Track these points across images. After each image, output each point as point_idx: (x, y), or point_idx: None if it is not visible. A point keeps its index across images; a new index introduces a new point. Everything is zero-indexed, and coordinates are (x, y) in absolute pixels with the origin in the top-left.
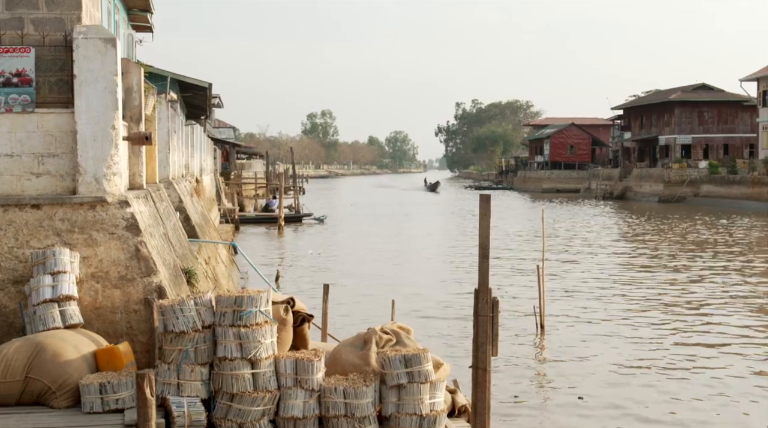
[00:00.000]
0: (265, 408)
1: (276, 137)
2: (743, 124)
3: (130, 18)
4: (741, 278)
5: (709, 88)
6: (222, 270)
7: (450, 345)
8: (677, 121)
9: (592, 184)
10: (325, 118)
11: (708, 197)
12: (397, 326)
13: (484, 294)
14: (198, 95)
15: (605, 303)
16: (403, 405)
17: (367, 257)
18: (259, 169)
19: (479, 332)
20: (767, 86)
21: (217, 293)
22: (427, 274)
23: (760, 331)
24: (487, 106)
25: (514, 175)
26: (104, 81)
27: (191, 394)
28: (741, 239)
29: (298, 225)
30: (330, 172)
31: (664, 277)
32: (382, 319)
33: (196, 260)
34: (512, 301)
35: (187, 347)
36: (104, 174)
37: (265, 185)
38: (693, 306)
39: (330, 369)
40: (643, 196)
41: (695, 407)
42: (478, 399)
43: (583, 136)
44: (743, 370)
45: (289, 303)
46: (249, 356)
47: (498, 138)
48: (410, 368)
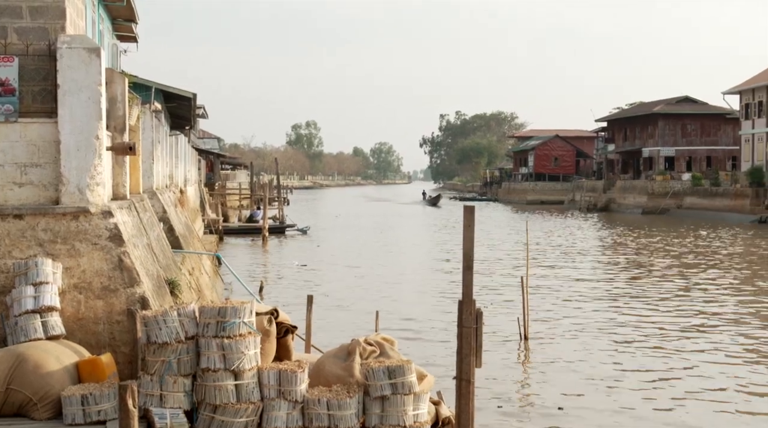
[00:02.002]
0: (248, 419)
1: (261, 148)
2: (726, 137)
3: (114, 28)
4: (723, 289)
5: (693, 100)
6: (206, 281)
7: (434, 357)
8: (661, 133)
9: (576, 196)
10: (309, 129)
11: (691, 209)
12: (380, 337)
13: (468, 305)
14: (182, 105)
15: (589, 314)
16: (386, 417)
17: (351, 268)
18: (243, 179)
19: (463, 343)
20: (749, 99)
21: (201, 304)
22: (411, 285)
23: (742, 342)
24: (471, 118)
25: (498, 186)
26: (88, 91)
27: (174, 405)
28: (723, 251)
29: (282, 237)
30: (314, 182)
31: (647, 289)
32: (367, 330)
33: (179, 271)
34: (496, 312)
35: (170, 358)
36: (87, 184)
37: (249, 196)
38: (676, 317)
39: (313, 381)
40: (627, 208)
41: (678, 417)
42: (461, 410)
43: (567, 147)
44: (727, 380)
45: (273, 315)
46: (232, 367)
47: (482, 149)
48: (394, 379)
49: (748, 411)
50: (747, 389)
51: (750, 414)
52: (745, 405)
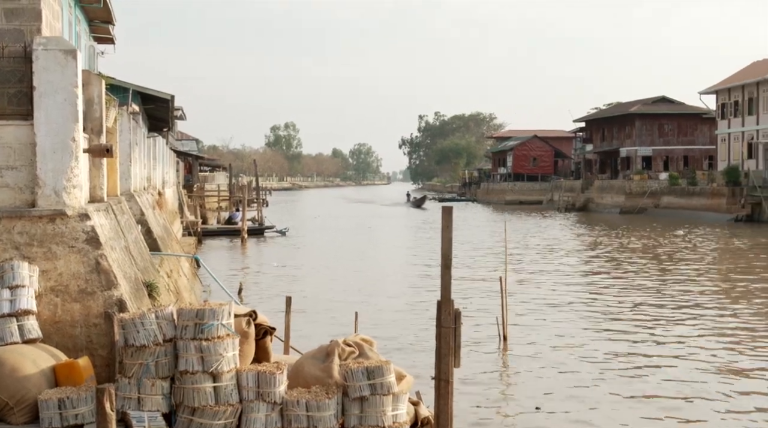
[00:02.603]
0: (227, 421)
1: (239, 149)
2: (702, 136)
3: (91, 29)
4: (700, 288)
5: (669, 100)
6: (184, 284)
7: (413, 357)
8: (638, 133)
9: (554, 196)
10: (288, 131)
11: (668, 208)
12: (359, 338)
13: (446, 305)
14: (160, 107)
15: (567, 314)
16: (365, 417)
17: (330, 269)
18: (222, 181)
19: (442, 343)
20: (726, 99)
21: (179, 306)
22: (390, 286)
23: (720, 340)
24: (450, 119)
25: (477, 187)
26: (64, 93)
27: (152, 408)
28: (699, 250)
29: (261, 238)
30: (293, 184)
31: (626, 289)
32: (346, 331)
33: (157, 273)
34: (475, 312)
35: (147, 361)
36: (64, 186)
37: (228, 198)
38: (654, 317)
39: (292, 382)
40: (605, 208)
41: (656, 414)
42: (440, 410)
43: (545, 148)
44: (705, 381)
45: (251, 316)
46: (210, 369)
47: (461, 150)
48: (373, 380)
49: (728, 409)
50: (725, 384)
51: (731, 411)
52: (725, 399)
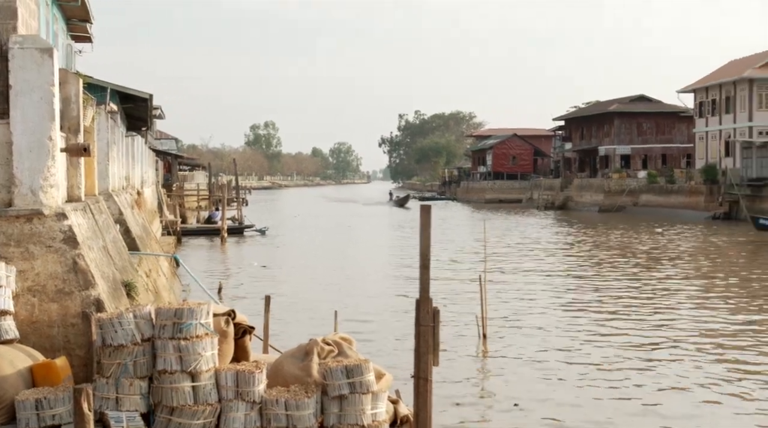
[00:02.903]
0: (206, 421)
1: (219, 148)
2: (680, 135)
3: (69, 28)
4: (678, 286)
5: (648, 99)
6: (163, 283)
7: (392, 356)
8: (617, 131)
9: (534, 195)
10: (268, 130)
11: (647, 206)
12: (338, 337)
13: (425, 304)
14: (139, 106)
15: (546, 311)
16: (344, 416)
17: (310, 268)
18: (201, 180)
19: (420, 342)
20: (703, 97)
21: (157, 306)
22: (370, 285)
23: (697, 334)
24: (430, 117)
25: (457, 185)
26: (41, 91)
27: (130, 408)
28: (677, 248)
29: (240, 237)
30: (273, 183)
31: (605, 286)
32: (325, 330)
33: (136, 273)
34: (455, 311)
35: (125, 360)
36: (41, 186)
37: (207, 197)
38: (632, 315)
39: (271, 381)
40: (584, 206)
41: (634, 409)
42: (419, 408)
43: (525, 146)
44: (685, 376)
45: (230, 315)
46: (189, 369)
47: (441, 149)
48: (352, 379)
49: (705, 400)
50: (703, 379)
51: (708, 402)
52: (702, 393)
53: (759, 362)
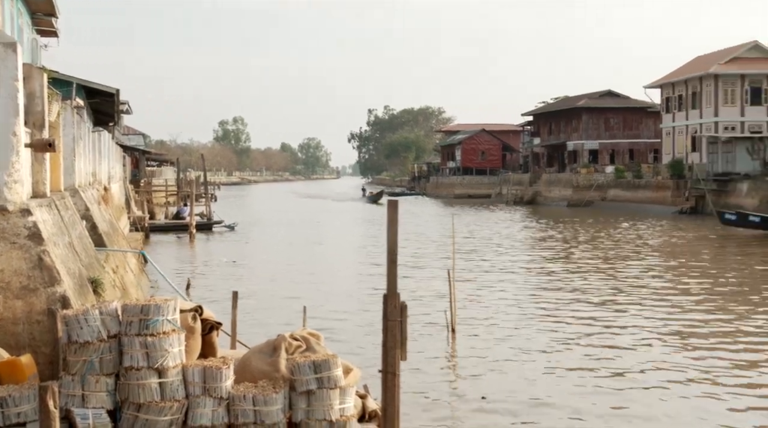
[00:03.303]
0: (173, 417)
1: (187, 144)
2: (647, 130)
3: (34, 22)
4: (644, 279)
5: (615, 94)
6: (131, 280)
7: (360, 351)
8: (584, 126)
9: (503, 190)
10: (237, 125)
11: (615, 201)
12: (306, 332)
13: (392, 298)
14: (105, 101)
15: (514, 306)
16: (312, 411)
17: (279, 264)
18: (169, 176)
19: (388, 336)
20: (670, 93)
21: (124, 302)
22: (339, 280)
23: (663, 327)
24: (399, 113)
25: (426, 181)
26: (4, 86)
27: (96, 405)
28: (643, 242)
29: (209, 233)
30: (242, 178)
31: (573, 281)
32: (294, 326)
33: (103, 269)
34: (424, 306)
35: (91, 357)
36: (5, 182)
37: (176, 193)
38: (600, 308)
39: (239, 377)
40: (553, 201)
41: (600, 403)
42: (387, 403)
43: (493, 141)
44: (649, 369)
45: (197, 311)
46: (156, 365)
47: (410, 144)
48: (320, 374)
49: (673, 394)
50: (667, 372)
51: (678, 396)
52: (671, 387)
53: (724, 357)
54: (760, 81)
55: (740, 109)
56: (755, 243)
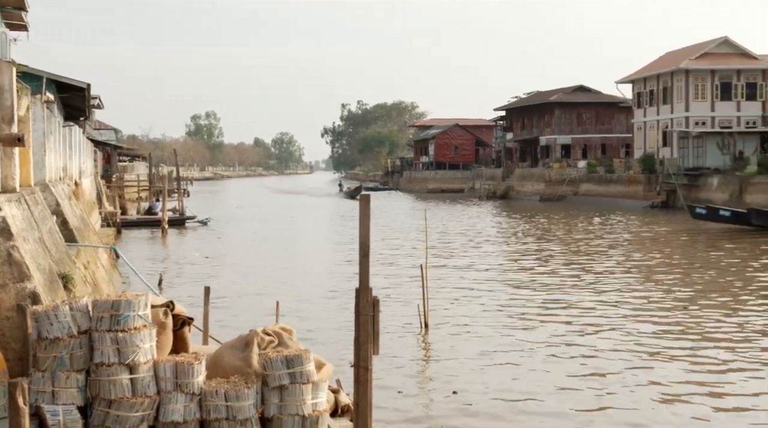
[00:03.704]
0: (144, 413)
1: (159, 139)
2: (619, 125)
3: (3, 16)
4: (615, 273)
5: (587, 89)
6: (102, 275)
7: (333, 345)
8: (557, 121)
9: (476, 184)
10: (209, 120)
11: (587, 195)
12: (279, 327)
13: (364, 293)
14: (76, 96)
15: (487, 300)
16: (285, 406)
17: (252, 259)
18: (142, 171)
19: (360, 331)
20: (641, 88)
21: (94, 297)
22: (312, 275)
23: (634, 323)
24: (372, 107)
25: (399, 175)
26: None
27: (67, 402)
28: (616, 236)
29: (182, 228)
30: (215, 173)
31: (545, 275)
32: (267, 321)
33: (73, 265)
34: (397, 300)
35: (62, 353)
36: None
37: (148, 188)
38: (571, 302)
39: (211, 372)
40: (526, 196)
41: (571, 399)
42: (360, 397)
43: (466, 136)
44: (621, 365)
45: (169, 307)
46: (127, 361)
47: (383, 139)
48: (292, 369)
49: (644, 382)
50: (641, 362)
51: (646, 384)
52: (640, 376)
53: (695, 347)
54: (729, 76)
55: (711, 104)
56: (725, 237)
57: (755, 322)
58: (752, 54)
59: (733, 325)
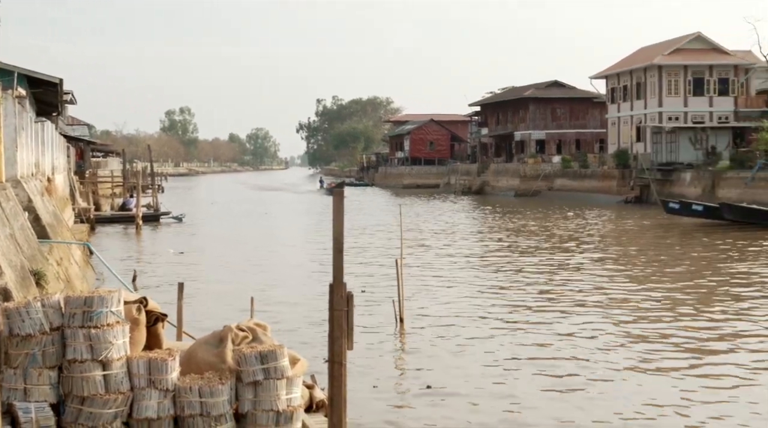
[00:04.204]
0: (118, 410)
1: (133, 134)
2: (594, 120)
3: None
4: (589, 266)
5: (562, 85)
6: (75, 272)
7: (307, 341)
8: (532, 116)
9: (451, 180)
10: (184, 115)
11: (561, 190)
12: (253, 323)
13: (338, 288)
14: (48, 91)
15: (462, 296)
16: (259, 402)
17: (227, 255)
18: (115, 167)
19: (334, 326)
20: (615, 83)
21: (66, 294)
22: (286, 271)
23: (607, 316)
24: (347, 103)
25: (375, 171)
26: None
27: (39, 399)
28: (589, 230)
29: (156, 225)
30: (190, 169)
31: (520, 270)
32: (241, 317)
33: (46, 261)
34: (373, 295)
35: (34, 350)
36: None
37: (122, 184)
38: (545, 296)
39: (185, 368)
40: (501, 191)
41: (540, 392)
42: (334, 393)
43: (442, 131)
44: (598, 357)
45: (142, 303)
46: (100, 357)
47: (359, 134)
48: (266, 364)
49: (617, 378)
50: (616, 356)
51: (620, 380)
52: (610, 375)
53: (668, 331)
54: (702, 72)
55: (683, 100)
56: (699, 231)
57: (728, 311)
58: (724, 50)
59: (705, 316)
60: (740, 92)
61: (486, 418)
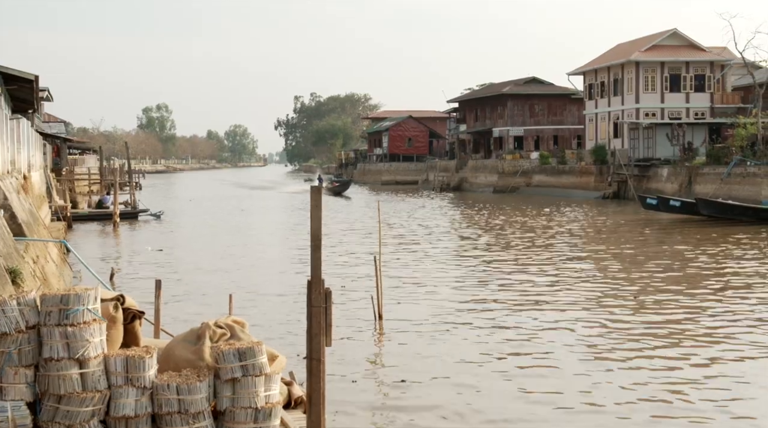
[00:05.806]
0: (95, 408)
1: (111, 131)
2: (571, 116)
3: None
4: (569, 263)
5: (540, 81)
6: (52, 270)
7: (286, 337)
8: (510, 113)
9: (430, 176)
10: (161, 112)
11: (540, 187)
12: (231, 320)
13: (316, 285)
14: (24, 88)
15: (440, 292)
16: (238, 399)
17: (205, 252)
18: (92, 164)
19: (313, 323)
20: (592, 80)
21: (42, 292)
22: (265, 268)
23: (585, 313)
24: (326, 100)
25: (353, 168)
26: None
27: (15, 398)
28: (567, 226)
29: (134, 222)
30: (168, 166)
31: (498, 266)
32: (220, 314)
33: (22, 259)
34: (351, 292)
35: (9, 349)
36: None
37: (99, 181)
38: (524, 292)
39: (163, 366)
40: (479, 187)
41: (522, 389)
42: (312, 389)
43: (420, 128)
44: (575, 356)
45: (119, 300)
46: (76, 355)
47: (337, 131)
48: (244, 361)
49: (596, 381)
50: (591, 355)
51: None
52: (585, 368)
53: (648, 323)
54: (679, 68)
55: (660, 96)
56: (676, 227)
57: (707, 306)
58: (700, 46)
59: (683, 310)
60: (716, 88)
61: (463, 412)
